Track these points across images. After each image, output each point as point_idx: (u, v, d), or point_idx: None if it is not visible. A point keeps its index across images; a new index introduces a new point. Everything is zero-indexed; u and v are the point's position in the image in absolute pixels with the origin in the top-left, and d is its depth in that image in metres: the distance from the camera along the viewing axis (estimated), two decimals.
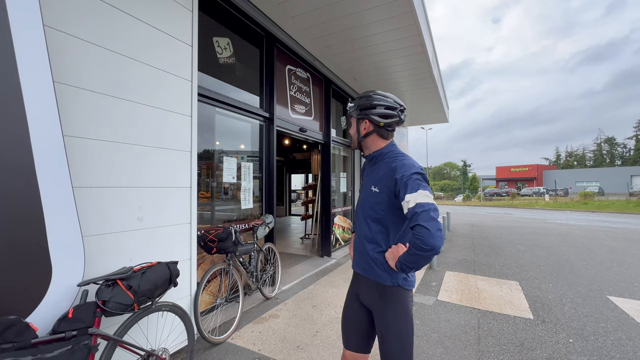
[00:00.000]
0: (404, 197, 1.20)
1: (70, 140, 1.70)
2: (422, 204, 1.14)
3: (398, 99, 1.42)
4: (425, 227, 1.10)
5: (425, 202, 1.15)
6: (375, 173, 1.40)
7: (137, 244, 2.09)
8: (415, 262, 1.17)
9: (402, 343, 1.31)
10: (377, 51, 4.79)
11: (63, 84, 1.69)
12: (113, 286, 1.60)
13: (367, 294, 1.42)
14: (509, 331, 2.93)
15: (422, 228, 1.10)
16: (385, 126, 1.40)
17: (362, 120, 1.44)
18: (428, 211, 1.13)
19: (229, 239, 2.80)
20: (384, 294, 1.35)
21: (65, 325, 1.40)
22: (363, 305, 1.46)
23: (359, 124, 1.45)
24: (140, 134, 2.12)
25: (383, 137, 1.44)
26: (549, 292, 4.02)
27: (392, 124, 1.41)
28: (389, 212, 1.33)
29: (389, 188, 1.30)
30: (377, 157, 1.44)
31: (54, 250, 1.47)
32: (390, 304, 1.33)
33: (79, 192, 1.71)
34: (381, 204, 1.34)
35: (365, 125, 1.43)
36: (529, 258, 5.89)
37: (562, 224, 11.85)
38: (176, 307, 1.99)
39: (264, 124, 4.09)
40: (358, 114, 1.44)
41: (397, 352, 1.31)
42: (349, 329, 1.50)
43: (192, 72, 2.53)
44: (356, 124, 1.47)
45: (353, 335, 1.48)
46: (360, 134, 1.46)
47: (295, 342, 2.69)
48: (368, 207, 1.40)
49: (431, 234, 1.09)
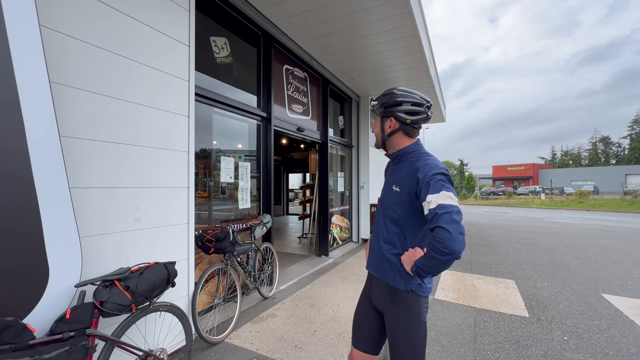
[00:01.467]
0: (425, 198, 1.15)
1: (66, 140, 1.69)
2: (445, 206, 1.09)
3: (425, 95, 1.36)
4: (447, 229, 1.05)
5: (448, 203, 1.10)
6: (398, 172, 1.35)
7: (135, 244, 2.08)
8: (433, 266, 1.12)
9: (414, 351, 1.25)
10: (375, 51, 4.80)
11: (58, 84, 1.68)
12: (111, 287, 1.60)
13: (379, 296, 1.38)
14: (505, 329, 2.96)
15: (444, 230, 1.05)
16: (412, 123, 1.34)
17: (386, 119, 1.38)
18: (450, 213, 1.08)
19: (227, 239, 2.80)
20: (397, 298, 1.30)
21: (63, 326, 1.40)
22: (375, 307, 1.42)
23: (384, 122, 1.39)
24: (136, 135, 2.11)
25: (409, 135, 1.38)
26: (545, 290, 4.06)
27: (419, 121, 1.34)
28: (408, 214, 1.28)
29: (410, 187, 1.25)
30: (400, 156, 1.38)
31: (51, 251, 1.47)
32: (402, 309, 1.28)
33: (76, 193, 1.71)
34: (401, 205, 1.29)
35: (391, 124, 1.37)
36: (525, 257, 5.94)
37: (558, 222, 11.95)
38: (174, 308, 2.00)
39: (261, 123, 4.09)
40: (382, 112, 1.38)
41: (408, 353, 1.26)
42: (359, 328, 1.48)
43: (189, 72, 2.52)
44: (380, 122, 1.41)
45: (363, 336, 1.45)
46: (385, 133, 1.40)
47: (293, 341, 2.70)
48: (388, 207, 1.36)
49: (452, 237, 1.04)
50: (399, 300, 1.29)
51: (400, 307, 1.28)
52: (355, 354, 1.47)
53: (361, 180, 7.21)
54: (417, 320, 1.26)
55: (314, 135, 5.47)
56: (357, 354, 1.46)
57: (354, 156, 7.28)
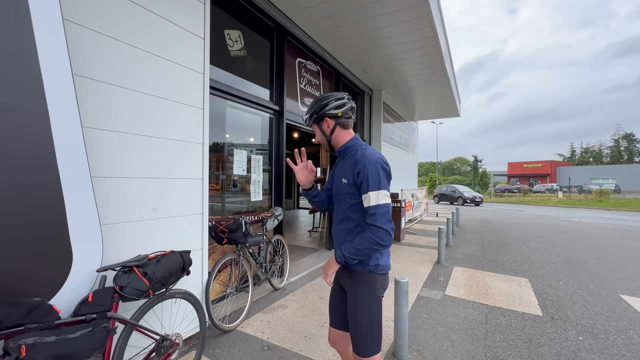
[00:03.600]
0: (366, 192, 1.33)
1: (86, 131, 1.75)
2: (382, 205, 1.30)
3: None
4: (385, 229, 1.28)
5: (384, 203, 1.30)
6: (344, 166, 1.48)
7: (152, 233, 2.15)
8: (366, 254, 1.34)
9: (369, 320, 1.40)
10: (389, 44, 4.73)
11: (80, 77, 1.74)
12: (129, 273, 1.66)
13: (342, 276, 1.53)
14: (517, 327, 2.92)
15: (382, 230, 1.28)
16: (343, 115, 1.49)
17: (322, 122, 1.52)
18: (387, 213, 1.29)
19: (240, 230, 2.85)
20: (355, 276, 1.45)
21: (86, 308, 1.47)
22: (342, 288, 1.56)
23: (321, 126, 1.53)
24: (153, 126, 2.16)
25: (345, 127, 1.52)
26: (560, 289, 3.98)
27: (347, 111, 1.49)
28: (356, 203, 1.43)
29: (353, 179, 1.40)
30: (343, 151, 1.52)
31: (75, 237, 1.54)
32: (360, 286, 1.43)
33: (97, 182, 1.77)
34: (350, 194, 1.44)
35: (327, 124, 1.50)
36: (540, 255, 5.81)
37: (576, 221, 11.60)
38: (189, 295, 2.06)
39: (273, 117, 4.11)
40: (316, 118, 1.50)
41: (364, 330, 1.40)
42: (332, 308, 1.64)
43: (204, 64, 2.56)
44: (319, 128, 1.54)
45: (336, 315, 1.62)
46: (327, 133, 1.52)
47: (303, 331, 2.74)
48: (341, 197, 1.50)
49: (389, 234, 1.28)
50: (357, 278, 1.45)
51: (359, 283, 1.44)
52: (331, 331, 1.66)
53: None
54: (374, 295, 1.42)
55: None
56: (332, 331, 1.65)
57: None
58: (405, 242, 6.74)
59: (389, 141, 7.88)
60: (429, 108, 9.32)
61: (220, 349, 2.46)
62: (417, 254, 5.67)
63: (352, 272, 1.46)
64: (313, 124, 1.55)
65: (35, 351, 1.22)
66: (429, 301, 3.50)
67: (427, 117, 11.40)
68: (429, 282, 4.16)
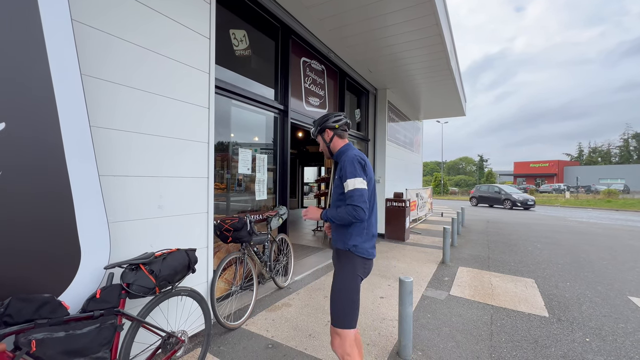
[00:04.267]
0: (345, 180, 1.69)
1: (94, 130, 1.78)
2: (357, 189, 1.63)
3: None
4: (360, 206, 1.61)
5: (359, 187, 1.64)
6: (339, 168, 1.81)
7: (158, 231, 2.18)
8: (342, 219, 1.67)
9: (346, 294, 1.68)
10: (393, 42, 4.71)
11: (87, 76, 1.76)
12: (136, 270, 1.68)
13: (334, 262, 1.86)
14: (523, 328, 2.90)
15: (357, 207, 1.61)
16: (340, 127, 1.90)
17: (324, 133, 1.93)
18: (362, 195, 1.63)
19: (244, 229, 2.87)
20: (340, 255, 1.79)
21: (94, 304, 1.49)
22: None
23: (323, 136, 1.94)
24: (159, 126, 2.18)
25: (341, 137, 1.93)
26: (566, 290, 3.93)
27: (343, 125, 1.91)
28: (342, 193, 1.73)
29: (339, 175, 1.76)
30: (338, 155, 1.89)
31: (83, 234, 1.56)
32: (342, 262, 1.76)
33: (105, 181, 1.80)
34: (339, 187, 1.77)
35: (328, 134, 1.92)
36: (546, 256, 5.75)
37: (583, 222, 11.45)
38: (194, 292, 2.08)
39: (278, 116, 4.12)
40: (319, 129, 1.93)
41: (337, 302, 1.70)
42: None
43: (209, 64, 2.57)
44: (322, 138, 1.95)
45: None
46: (327, 142, 1.93)
47: (307, 330, 2.75)
48: (335, 193, 1.83)
49: (363, 211, 1.61)
50: (340, 255, 1.78)
51: (342, 259, 1.76)
52: None
53: (377, 174, 7.15)
54: (352, 272, 1.72)
55: None
56: None
57: (370, 150, 7.22)
58: (409, 242, 6.71)
59: (394, 140, 7.85)
60: (434, 107, 9.26)
61: (225, 347, 2.48)
62: (422, 254, 5.65)
63: (338, 252, 1.81)
64: (318, 135, 1.97)
65: (44, 346, 1.24)
66: (433, 301, 3.48)
67: (432, 117, 11.33)
68: (434, 282, 4.14)
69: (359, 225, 1.72)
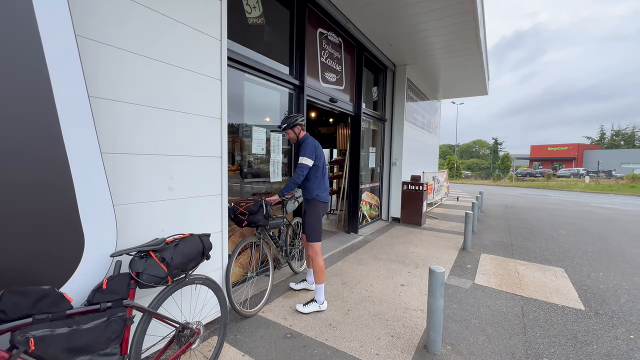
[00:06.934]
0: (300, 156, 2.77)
1: (97, 102, 1.57)
2: (302, 164, 2.74)
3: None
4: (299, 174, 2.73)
5: (303, 163, 2.74)
6: (302, 149, 2.80)
7: (169, 214, 2.01)
8: (289, 187, 2.77)
9: (313, 224, 2.82)
10: (418, 11, 4.28)
11: (87, 39, 1.54)
12: (146, 258, 1.53)
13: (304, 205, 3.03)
14: (558, 322, 2.69)
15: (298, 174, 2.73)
16: (303, 124, 2.98)
17: (294, 128, 2.91)
18: (302, 169, 2.74)
19: (260, 212, 2.69)
20: (308, 201, 2.90)
21: (100, 296, 1.34)
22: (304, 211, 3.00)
23: (294, 130, 2.92)
24: (169, 98, 1.97)
25: (304, 130, 2.99)
26: (600, 281, 3.68)
27: (304, 122, 2.98)
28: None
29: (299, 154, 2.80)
30: (300, 141, 2.89)
31: (86, 218, 1.39)
32: (310, 205, 2.87)
33: (108, 159, 1.61)
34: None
35: (297, 129, 2.92)
36: (573, 243, 5.45)
37: (607, 208, 10.94)
38: (209, 281, 1.93)
39: (293, 92, 3.85)
40: (292, 125, 2.89)
41: (311, 228, 2.82)
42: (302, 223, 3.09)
43: (221, 30, 2.30)
44: (292, 131, 2.92)
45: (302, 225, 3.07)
46: (297, 133, 2.93)
47: (326, 319, 2.61)
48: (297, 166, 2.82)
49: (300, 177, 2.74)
50: (309, 201, 2.88)
51: (309, 204, 2.87)
52: (303, 235, 3.12)
53: (394, 156, 6.85)
54: (317, 211, 2.83)
55: (346, 107, 5.15)
56: (303, 235, 3.10)
57: (386, 130, 6.89)
58: (426, 227, 6.49)
59: (412, 121, 7.46)
60: (455, 85, 8.72)
61: (241, 335, 2.36)
62: (441, 240, 5.43)
63: (307, 200, 2.90)
64: (289, 129, 2.91)
65: (45, 344, 1.10)
66: (458, 290, 3.29)
67: (451, 96, 10.76)
68: (456, 269, 3.94)
69: (317, 182, 2.83)
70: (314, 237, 2.80)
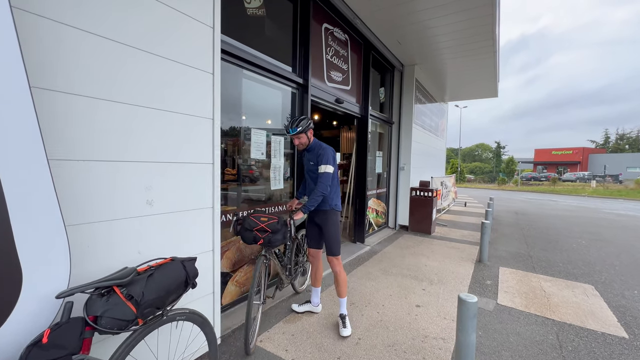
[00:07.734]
0: (320, 165, 2.50)
1: (43, 94, 1.24)
2: (326, 172, 2.47)
3: None
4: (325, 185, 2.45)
5: (326, 171, 2.47)
6: (312, 154, 2.60)
7: (148, 233, 1.67)
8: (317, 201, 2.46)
9: (336, 236, 2.60)
10: (430, 5, 3.96)
11: (25, 12, 1.21)
12: (108, 295, 1.18)
13: (317, 216, 2.64)
14: (603, 354, 2.32)
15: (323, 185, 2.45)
16: (314, 128, 2.69)
17: (307, 132, 2.55)
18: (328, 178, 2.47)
19: (281, 232, 2.29)
20: (327, 213, 2.59)
21: (38, 353, 0.99)
22: (315, 223, 2.68)
23: (307, 133, 2.55)
24: (147, 93, 1.63)
25: (314, 134, 2.69)
26: (637, 301, 3.30)
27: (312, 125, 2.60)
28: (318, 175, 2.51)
29: (317, 162, 2.53)
30: (312, 146, 2.61)
31: (23, 246, 1.05)
32: (330, 217, 2.59)
33: (60, 167, 1.27)
34: (316, 171, 2.54)
35: (310, 133, 2.60)
36: (596, 255, 5.06)
37: (622, 214, 10.51)
38: (195, 315, 1.58)
39: (297, 91, 3.52)
40: (305, 129, 2.51)
41: (334, 240, 2.59)
42: (310, 236, 2.79)
43: (213, 14, 1.98)
44: (306, 135, 2.55)
45: (313, 240, 2.76)
46: (309, 138, 2.58)
47: (334, 351, 2.25)
48: (311, 172, 2.64)
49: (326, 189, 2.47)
50: (327, 213, 2.59)
51: (329, 215, 2.60)
52: (311, 251, 2.85)
53: (401, 160, 6.50)
54: (337, 221, 2.63)
55: (353, 108, 4.81)
56: (311, 251, 2.84)
57: (394, 134, 6.54)
58: (436, 236, 6.11)
59: (420, 124, 7.11)
60: (464, 86, 8.37)
61: None
62: (453, 250, 5.06)
63: (325, 212, 2.59)
64: (302, 133, 2.51)
65: None
66: (481, 312, 2.92)
67: (459, 98, 10.41)
68: (475, 286, 3.57)
69: (334, 190, 2.60)
70: (337, 249, 2.60)
